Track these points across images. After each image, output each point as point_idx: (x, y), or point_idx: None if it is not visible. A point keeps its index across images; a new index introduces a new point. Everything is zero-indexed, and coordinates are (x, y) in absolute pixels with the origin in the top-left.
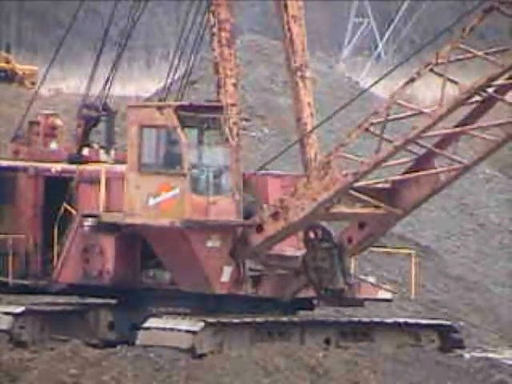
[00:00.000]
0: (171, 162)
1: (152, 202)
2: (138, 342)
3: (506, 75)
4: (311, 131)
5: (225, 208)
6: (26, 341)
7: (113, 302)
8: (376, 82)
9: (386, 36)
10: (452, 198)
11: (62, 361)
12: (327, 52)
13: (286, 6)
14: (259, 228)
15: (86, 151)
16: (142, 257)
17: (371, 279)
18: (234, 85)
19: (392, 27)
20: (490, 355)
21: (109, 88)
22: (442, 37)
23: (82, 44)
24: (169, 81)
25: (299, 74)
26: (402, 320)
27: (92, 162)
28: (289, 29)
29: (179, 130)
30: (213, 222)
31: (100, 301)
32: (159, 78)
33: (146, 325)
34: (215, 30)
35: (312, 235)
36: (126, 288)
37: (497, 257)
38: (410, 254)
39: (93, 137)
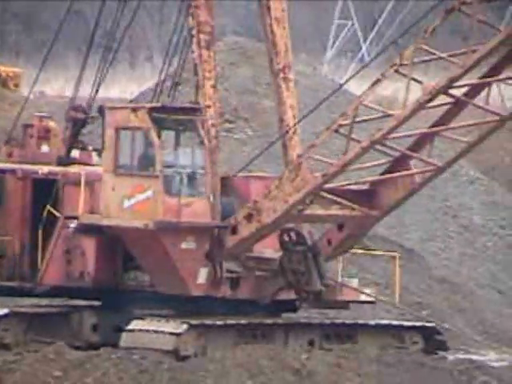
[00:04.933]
0: (145, 163)
1: (127, 203)
2: (121, 343)
3: (467, 75)
4: (288, 132)
5: (199, 210)
6: (9, 343)
7: (97, 303)
8: (350, 78)
9: (370, 38)
10: (436, 200)
11: (46, 363)
12: (311, 54)
13: (268, 9)
14: (233, 230)
15: (77, 154)
16: (123, 258)
17: (354, 282)
18: (213, 86)
19: (375, 29)
20: (474, 357)
21: (97, 90)
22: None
23: (65, 46)
24: (159, 82)
25: (282, 75)
26: (385, 322)
27: (81, 164)
28: (271, 31)
29: (152, 131)
30: (185, 224)
31: (84, 303)
32: (143, 79)
33: (129, 327)
34: (194, 31)
35: (286, 238)
36: (108, 290)
37: (481, 259)
38: (393, 256)
39: (86, 139)
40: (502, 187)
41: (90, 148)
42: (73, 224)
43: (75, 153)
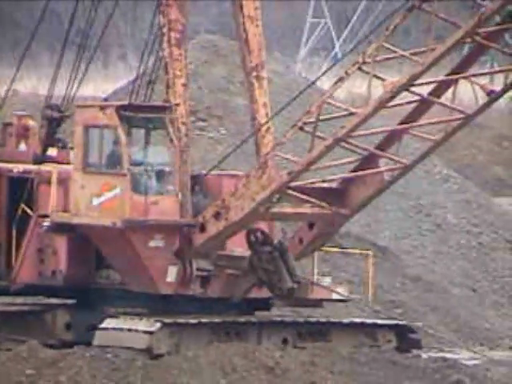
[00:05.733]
0: (113, 161)
1: (95, 201)
2: (94, 342)
3: (427, 73)
4: (259, 129)
5: (167, 208)
6: None
7: (70, 302)
8: (322, 75)
9: (343, 36)
10: (409, 199)
11: (19, 361)
12: (284, 52)
13: (241, 7)
14: (202, 228)
15: (54, 152)
16: (95, 257)
17: (328, 280)
18: (184, 85)
19: (349, 28)
20: (447, 355)
21: (72, 88)
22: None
23: (38, 44)
24: (137, 79)
25: (254, 74)
26: (359, 320)
27: (58, 162)
28: (244, 29)
29: (120, 129)
30: (153, 222)
31: (57, 301)
32: (116, 78)
33: (102, 325)
34: (165, 30)
35: (253, 238)
36: (80, 288)
37: (454, 257)
38: (367, 255)
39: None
40: (475, 185)
41: (70, 146)
42: (46, 222)
43: (52, 151)
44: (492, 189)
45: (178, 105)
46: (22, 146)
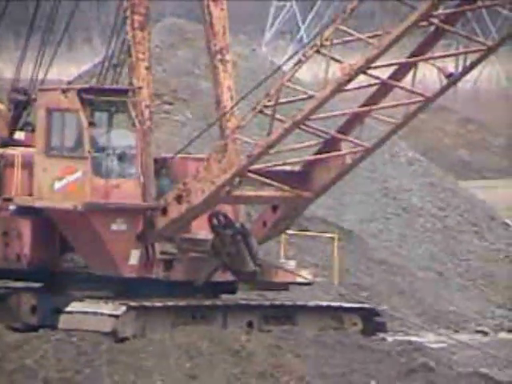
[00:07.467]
0: (75, 145)
1: (57, 185)
2: (60, 325)
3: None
4: (225, 114)
5: (129, 191)
6: None
7: (35, 285)
8: (288, 59)
9: (308, 19)
10: (375, 182)
11: None
12: (249, 35)
13: None
14: (164, 211)
15: (21, 135)
16: (60, 240)
17: (292, 263)
18: (147, 68)
19: (314, 11)
20: (413, 338)
21: (43, 71)
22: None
23: (2, 27)
24: (104, 63)
25: (219, 57)
26: (324, 303)
27: (27, 146)
28: (209, 12)
29: (81, 112)
30: (114, 205)
31: (22, 284)
32: (81, 61)
33: (68, 309)
34: (128, 13)
35: (215, 222)
36: (45, 271)
37: (419, 240)
38: (332, 238)
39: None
40: (440, 169)
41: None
42: (11, 206)
43: (20, 135)
44: (457, 172)
45: (140, 88)
46: None
